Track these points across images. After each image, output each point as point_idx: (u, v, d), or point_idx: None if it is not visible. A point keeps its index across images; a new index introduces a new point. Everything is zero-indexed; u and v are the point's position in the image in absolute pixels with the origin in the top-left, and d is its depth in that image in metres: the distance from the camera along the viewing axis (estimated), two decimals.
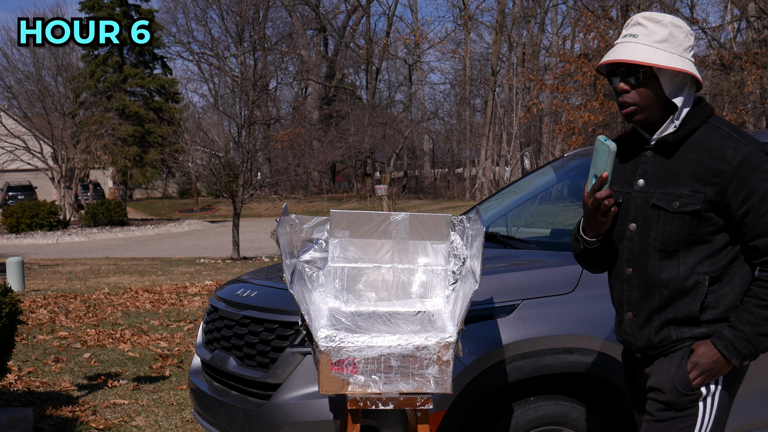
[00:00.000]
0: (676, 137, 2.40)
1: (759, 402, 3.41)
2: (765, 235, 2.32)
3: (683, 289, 2.37)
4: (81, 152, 31.08)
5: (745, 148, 2.33)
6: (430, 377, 2.78)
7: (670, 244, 2.37)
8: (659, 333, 2.40)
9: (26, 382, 6.19)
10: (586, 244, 2.51)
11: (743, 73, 19.67)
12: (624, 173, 2.51)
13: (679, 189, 2.37)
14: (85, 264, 17.12)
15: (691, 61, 2.42)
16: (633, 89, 2.40)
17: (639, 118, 2.41)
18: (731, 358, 2.32)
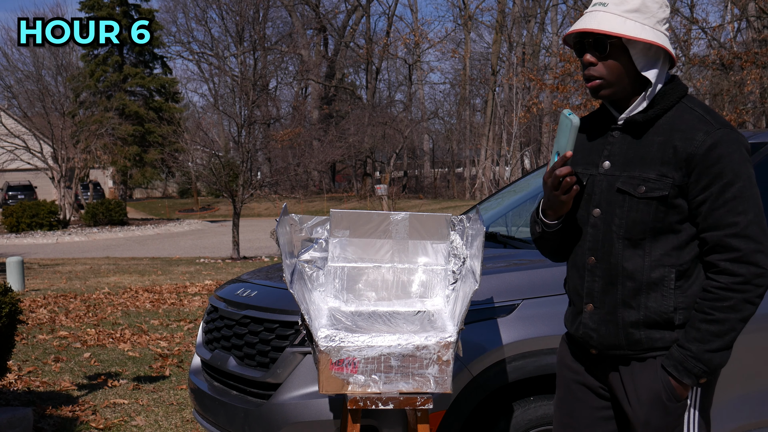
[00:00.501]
0: (645, 117, 2.23)
1: (759, 402, 3.41)
2: (716, 229, 2.15)
3: (648, 282, 2.20)
4: (81, 152, 31.09)
5: (718, 132, 2.16)
6: (430, 377, 2.78)
7: (634, 232, 2.20)
8: (629, 334, 2.23)
9: (26, 382, 6.19)
10: (545, 227, 2.34)
11: (743, 73, 19.66)
12: (590, 154, 2.33)
13: (645, 173, 2.20)
14: (85, 264, 17.12)
15: (666, 35, 2.23)
16: (600, 62, 2.22)
17: (606, 93, 2.24)
18: (682, 379, 2.17)
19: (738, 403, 3.36)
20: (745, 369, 3.39)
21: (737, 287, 2.13)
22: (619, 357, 2.27)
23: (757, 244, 2.13)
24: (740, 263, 2.13)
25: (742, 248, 2.13)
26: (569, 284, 2.39)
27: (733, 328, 2.15)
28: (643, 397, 2.23)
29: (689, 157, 2.15)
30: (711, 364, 2.16)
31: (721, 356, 2.16)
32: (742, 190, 2.14)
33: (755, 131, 3.98)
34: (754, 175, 2.17)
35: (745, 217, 2.13)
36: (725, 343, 2.15)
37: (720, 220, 2.14)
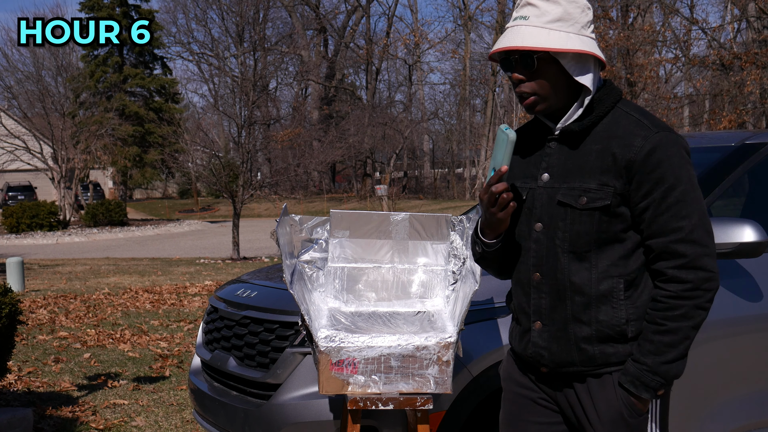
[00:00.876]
0: (581, 125, 2.15)
1: (759, 402, 3.41)
2: (660, 236, 2.08)
3: (598, 295, 2.13)
4: (81, 152, 31.10)
5: (656, 136, 2.09)
6: (430, 377, 2.78)
7: (579, 244, 2.13)
8: (581, 350, 2.16)
9: (26, 382, 6.19)
10: (485, 246, 2.24)
11: (743, 73, 19.67)
12: (527, 167, 2.25)
13: (586, 183, 2.12)
14: (85, 264, 17.12)
15: (592, 39, 2.16)
16: (530, 78, 2.13)
17: (541, 108, 2.16)
18: (641, 394, 2.11)
19: (739, 403, 3.36)
20: (745, 369, 3.39)
21: (687, 294, 2.08)
22: (572, 374, 2.20)
23: (703, 248, 2.08)
24: (688, 269, 2.08)
25: (688, 253, 2.07)
26: (514, 302, 2.30)
27: (687, 336, 2.10)
28: (604, 415, 2.16)
29: (629, 163, 2.09)
30: (668, 376, 2.10)
31: (677, 366, 2.11)
32: (685, 194, 2.08)
33: (755, 131, 3.98)
34: (695, 176, 2.12)
35: (689, 221, 2.07)
36: (680, 353, 2.10)
37: (664, 226, 2.08)
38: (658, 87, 23.44)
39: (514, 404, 2.33)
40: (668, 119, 22.11)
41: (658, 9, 25.75)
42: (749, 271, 3.38)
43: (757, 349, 3.40)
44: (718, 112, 21.10)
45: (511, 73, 2.17)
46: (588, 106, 2.17)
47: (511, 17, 2.18)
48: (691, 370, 3.24)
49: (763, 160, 3.66)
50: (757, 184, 4.00)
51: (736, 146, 3.71)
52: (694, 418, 3.27)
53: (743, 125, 20.56)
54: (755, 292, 3.38)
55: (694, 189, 2.10)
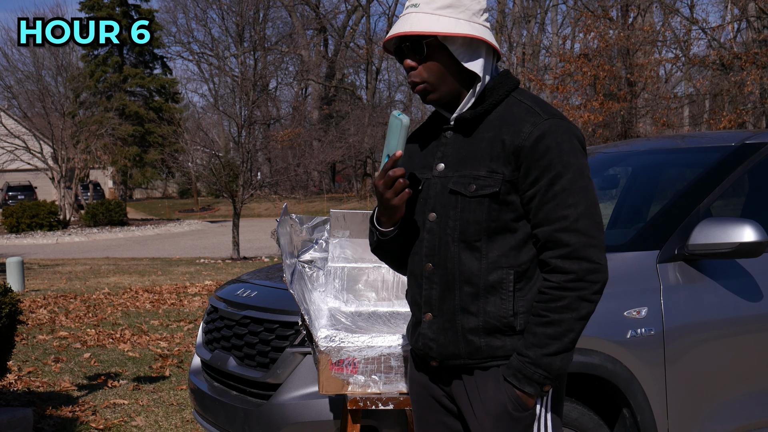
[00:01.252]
0: (473, 113, 2.13)
1: (759, 402, 3.41)
2: (545, 225, 2.04)
3: (487, 286, 2.09)
4: (81, 152, 31.11)
5: (545, 123, 2.06)
6: None
7: (469, 233, 2.09)
8: (468, 342, 2.11)
9: (26, 382, 6.19)
10: (380, 234, 2.21)
11: (743, 73, 19.67)
12: (425, 157, 2.23)
13: (476, 170, 2.10)
14: (85, 264, 17.13)
15: (486, 27, 2.14)
16: (420, 64, 2.11)
17: (434, 97, 2.14)
18: (524, 388, 2.06)
19: (739, 403, 3.36)
20: (745, 369, 3.39)
21: (570, 285, 2.02)
22: (460, 367, 2.16)
23: (588, 238, 2.03)
24: (571, 259, 2.03)
25: (572, 243, 2.03)
26: (409, 294, 2.26)
27: (571, 329, 2.04)
28: (490, 408, 2.11)
29: (517, 150, 2.06)
30: (551, 369, 2.05)
31: (561, 359, 2.05)
32: (572, 182, 2.04)
33: (755, 131, 3.98)
34: (588, 166, 2.09)
35: (575, 210, 2.03)
36: (564, 346, 2.04)
37: (550, 215, 2.04)
38: (658, 87, 23.43)
39: (418, 405, 2.30)
40: (668, 119, 22.12)
41: (658, 9, 25.75)
42: (749, 271, 3.38)
43: (757, 349, 3.40)
44: (718, 112, 21.10)
45: (402, 61, 2.14)
46: (482, 95, 2.15)
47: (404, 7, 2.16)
48: (691, 370, 3.24)
49: (763, 160, 3.65)
50: (757, 184, 4.00)
51: (736, 146, 3.71)
52: (694, 418, 3.27)
53: (743, 125, 20.56)
54: (755, 292, 3.38)
55: (583, 178, 2.06)
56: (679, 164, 4.36)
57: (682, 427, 3.24)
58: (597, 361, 3.09)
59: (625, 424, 3.20)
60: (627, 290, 3.19)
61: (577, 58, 22.19)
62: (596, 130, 21.36)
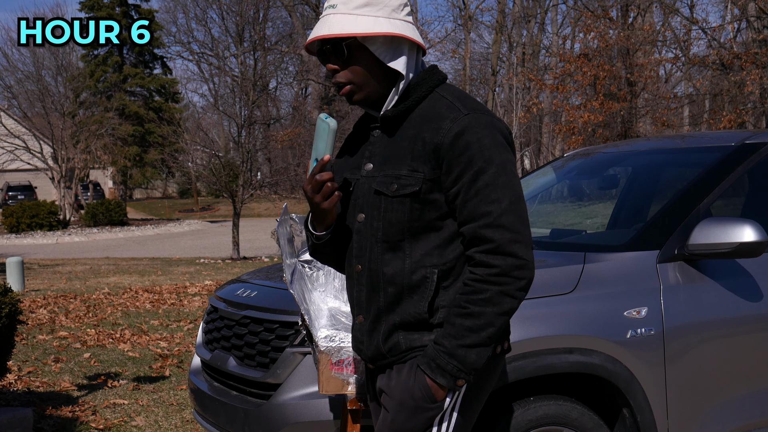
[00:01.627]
0: (396, 111, 2.11)
1: (759, 402, 3.41)
2: (471, 221, 2.01)
3: (410, 286, 2.07)
4: (81, 152, 31.11)
5: (465, 118, 2.03)
6: None
7: (392, 233, 2.08)
8: (388, 340, 2.11)
9: (26, 382, 6.19)
10: (315, 239, 2.20)
11: (743, 73, 19.67)
12: (356, 158, 2.21)
13: (398, 170, 2.08)
14: (85, 264, 17.12)
15: (407, 22, 2.10)
16: (343, 66, 2.09)
17: (359, 98, 2.12)
18: (436, 378, 2.02)
19: (739, 403, 3.36)
20: (745, 369, 3.39)
21: (493, 279, 2.00)
22: (386, 367, 2.16)
23: (513, 234, 2.01)
24: (496, 254, 2.00)
25: (496, 239, 2.00)
26: (348, 295, 2.27)
27: (491, 323, 2.00)
28: (396, 394, 2.10)
29: (436, 147, 2.03)
30: (466, 362, 2.00)
31: (477, 353, 2.01)
32: (495, 177, 2.01)
33: (755, 131, 3.98)
34: (514, 161, 2.06)
35: (498, 205, 2.00)
36: (481, 339, 2.01)
37: (474, 211, 2.01)
38: (658, 87, 23.43)
39: (374, 415, 2.31)
40: (668, 119, 22.11)
41: (658, 9, 25.75)
42: (749, 271, 3.39)
43: (758, 349, 3.40)
44: (718, 112, 21.10)
45: (325, 64, 2.12)
46: (406, 92, 2.11)
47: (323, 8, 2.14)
48: (691, 370, 3.24)
49: (763, 160, 3.66)
50: (757, 184, 4.00)
51: (736, 146, 3.71)
52: (694, 418, 3.27)
53: (743, 125, 20.55)
54: (755, 292, 3.38)
55: (507, 173, 2.03)
56: (679, 164, 4.36)
57: (682, 427, 3.24)
58: (597, 361, 3.09)
59: (625, 424, 3.20)
60: (627, 290, 3.19)
61: (577, 58, 22.19)
62: (596, 130, 21.36)
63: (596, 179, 5.10)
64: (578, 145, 20.97)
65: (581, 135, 21.41)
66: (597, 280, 3.19)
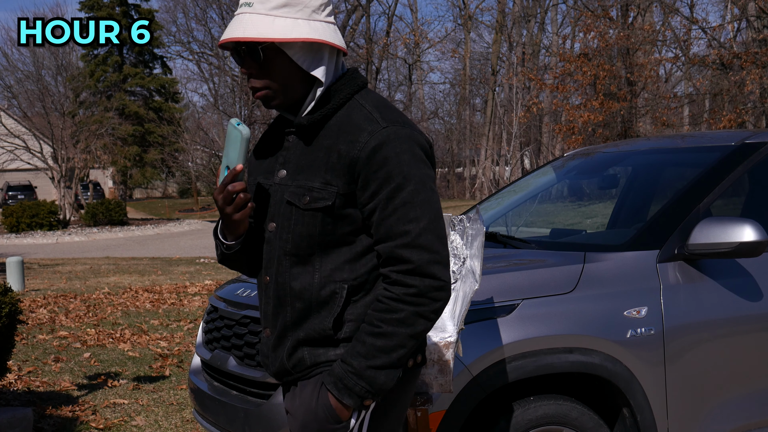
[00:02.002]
0: (311, 119, 1.98)
1: (759, 402, 3.41)
2: (388, 240, 1.91)
3: (318, 301, 1.97)
4: (81, 152, 31.10)
5: (384, 131, 1.91)
6: (430, 377, 2.78)
7: (302, 247, 1.97)
8: (292, 356, 2.01)
9: (26, 382, 6.19)
10: (225, 248, 2.08)
11: (743, 73, 19.67)
12: (270, 163, 2.09)
13: (311, 181, 1.96)
14: (85, 264, 17.13)
15: (328, 23, 1.98)
16: (259, 71, 1.95)
17: (277, 103, 1.99)
18: (342, 398, 1.92)
19: (739, 402, 3.36)
20: (745, 369, 3.40)
21: (410, 299, 1.90)
22: (291, 383, 2.09)
23: (432, 254, 1.91)
24: (413, 275, 1.91)
25: (414, 260, 1.90)
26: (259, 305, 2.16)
27: (402, 345, 1.92)
28: (299, 414, 2.01)
29: (352, 162, 1.91)
30: (374, 383, 1.91)
31: (386, 375, 1.92)
32: (414, 195, 1.90)
33: (755, 131, 3.98)
34: (433, 176, 1.97)
35: (417, 225, 1.90)
36: (391, 361, 1.92)
37: (391, 230, 1.90)
38: (658, 86, 23.44)
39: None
40: (668, 119, 22.11)
41: (658, 8, 25.75)
42: (749, 271, 3.39)
43: (757, 349, 3.40)
44: (718, 112, 21.10)
45: (240, 65, 1.98)
46: (326, 97, 1.99)
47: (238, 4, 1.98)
48: (691, 369, 3.24)
49: (763, 160, 3.66)
50: (757, 184, 4.01)
51: (736, 146, 3.71)
52: (694, 417, 3.27)
53: (743, 125, 20.56)
54: (755, 292, 3.38)
55: (426, 190, 1.92)
56: (679, 164, 4.36)
57: (682, 426, 3.24)
58: (597, 361, 3.09)
59: (625, 424, 3.20)
60: (627, 290, 3.19)
61: (577, 57, 22.19)
62: (596, 129, 21.36)
63: (596, 179, 5.10)
64: (578, 145, 20.97)
65: (581, 135, 21.41)
66: (597, 279, 3.19)
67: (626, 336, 3.12)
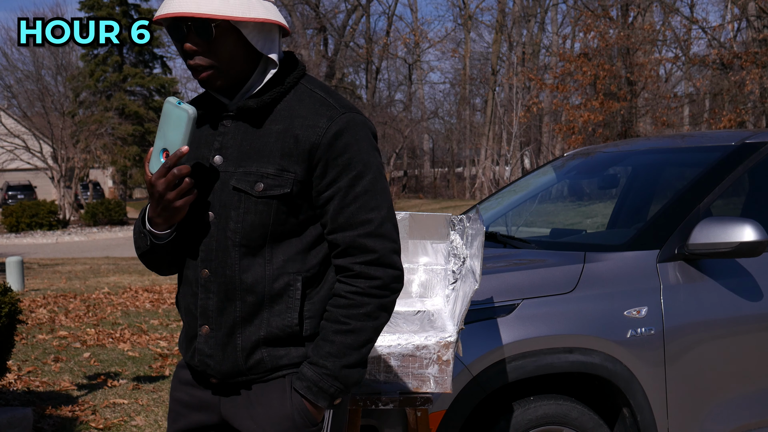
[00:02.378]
0: (260, 102, 1.89)
1: (759, 402, 3.41)
2: (348, 229, 1.87)
3: (271, 294, 1.88)
4: (81, 152, 31.11)
5: (343, 117, 1.86)
6: (430, 377, 2.78)
7: (253, 237, 1.88)
8: (251, 357, 1.91)
9: (26, 382, 6.19)
10: (155, 238, 1.94)
11: (743, 73, 19.68)
12: (198, 147, 1.96)
13: (264, 167, 1.87)
14: (85, 263, 17.13)
15: (273, 4, 1.91)
16: (206, 49, 1.85)
17: (220, 84, 1.90)
18: (318, 401, 1.88)
19: (739, 402, 3.36)
20: (745, 369, 3.39)
21: (375, 291, 1.87)
22: (242, 384, 1.95)
23: (392, 243, 1.89)
24: (377, 266, 1.87)
25: (378, 249, 1.87)
26: (181, 303, 2.02)
27: (370, 339, 1.89)
28: (275, 423, 1.91)
29: (313, 147, 1.85)
30: (348, 382, 1.88)
31: (358, 372, 1.90)
32: (374, 183, 1.87)
33: (755, 130, 3.98)
34: (383, 164, 1.97)
35: (378, 213, 1.87)
36: (362, 356, 1.89)
37: (352, 218, 1.86)
38: (658, 86, 23.44)
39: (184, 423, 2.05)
40: (668, 119, 22.11)
41: (658, 8, 25.75)
42: (749, 271, 3.39)
43: (758, 348, 3.40)
44: (718, 112, 21.10)
45: (182, 42, 1.87)
46: (268, 82, 1.92)
47: None
48: (691, 369, 3.24)
49: (763, 160, 3.66)
50: (757, 184, 4.01)
51: (736, 146, 3.71)
52: (694, 417, 3.27)
53: (743, 124, 20.56)
54: (755, 292, 3.38)
55: (383, 178, 1.91)
56: (679, 164, 4.36)
57: (682, 426, 3.24)
58: (597, 361, 3.09)
59: (625, 424, 3.20)
60: (627, 290, 3.19)
61: (577, 57, 22.19)
62: (596, 129, 21.36)
63: (596, 179, 5.10)
64: (578, 145, 20.98)
65: (581, 134, 21.41)
66: (597, 279, 3.19)
67: (626, 336, 3.12)
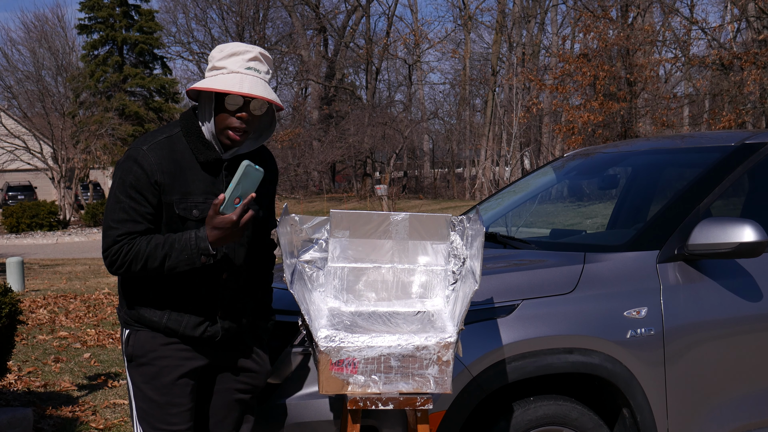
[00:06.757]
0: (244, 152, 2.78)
1: (759, 402, 3.41)
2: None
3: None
4: (81, 152, 31.11)
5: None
6: (430, 377, 2.78)
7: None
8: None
9: (26, 382, 6.19)
10: (211, 259, 2.65)
11: (743, 73, 19.68)
12: (204, 184, 2.69)
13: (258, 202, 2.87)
14: (85, 264, 17.12)
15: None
16: (253, 120, 2.64)
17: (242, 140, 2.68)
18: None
19: (739, 402, 3.36)
20: (745, 369, 3.40)
21: None
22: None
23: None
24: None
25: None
26: (200, 296, 2.78)
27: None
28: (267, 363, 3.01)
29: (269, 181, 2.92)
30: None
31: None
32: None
33: (755, 131, 3.98)
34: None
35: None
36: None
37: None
38: (658, 87, 23.44)
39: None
40: (668, 119, 22.10)
41: (658, 9, 25.75)
42: (749, 271, 3.39)
43: (757, 349, 3.40)
44: (717, 112, 21.10)
45: (238, 112, 2.59)
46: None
47: (239, 60, 2.58)
48: (691, 369, 3.24)
49: (763, 160, 3.66)
50: (757, 184, 4.01)
51: (736, 146, 3.71)
52: (694, 418, 3.27)
53: (743, 125, 20.56)
54: (755, 293, 3.38)
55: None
56: (679, 164, 4.36)
57: (682, 427, 3.24)
58: (597, 361, 3.09)
59: (625, 424, 3.20)
60: (627, 290, 3.19)
61: (577, 58, 22.20)
62: (596, 130, 21.36)
63: (596, 179, 5.10)
64: (578, 145, 20.98)
65: (581, 135, 21.42)
66: (597, 280, 3.19)
67: (626, 336, 3.12)
